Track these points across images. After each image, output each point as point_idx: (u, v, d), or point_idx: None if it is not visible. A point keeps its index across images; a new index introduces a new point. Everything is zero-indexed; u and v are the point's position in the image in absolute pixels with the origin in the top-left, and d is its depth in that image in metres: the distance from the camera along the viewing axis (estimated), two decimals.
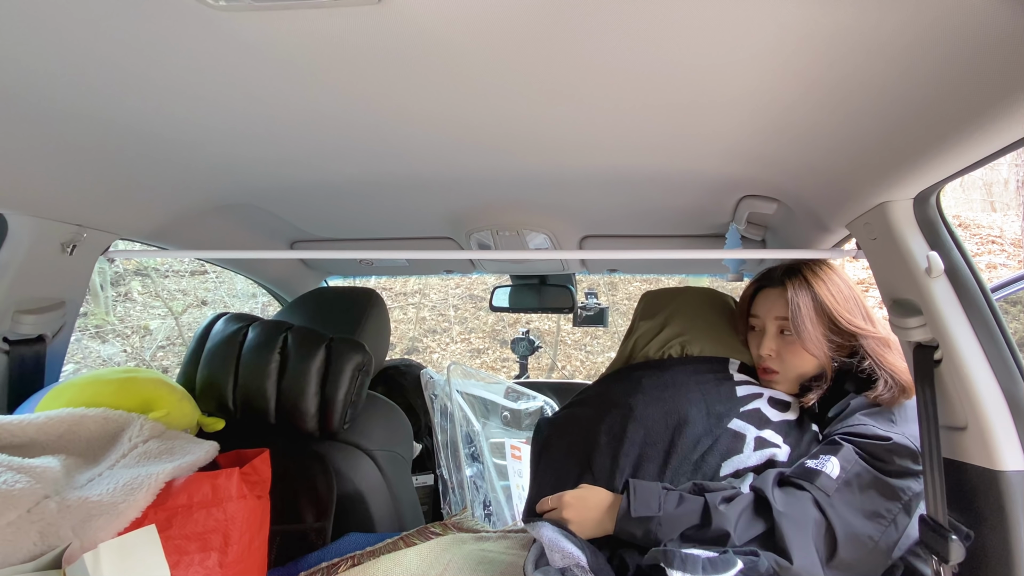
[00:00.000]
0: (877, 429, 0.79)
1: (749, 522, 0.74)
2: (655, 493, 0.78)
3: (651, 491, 0.78)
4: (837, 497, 0.74)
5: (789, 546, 0.70)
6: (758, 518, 0.74)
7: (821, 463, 0.77)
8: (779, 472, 0.80)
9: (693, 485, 0.80)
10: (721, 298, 1.08)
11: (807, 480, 0.76)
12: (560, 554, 0.75)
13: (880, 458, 0.77)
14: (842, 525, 0.73)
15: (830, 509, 0.74)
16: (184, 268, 5.96)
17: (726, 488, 0.79)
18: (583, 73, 0.61)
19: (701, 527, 0.74)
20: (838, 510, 0.74)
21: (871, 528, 0.74)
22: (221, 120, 0.75)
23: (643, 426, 0.87)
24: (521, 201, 1.17)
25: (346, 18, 0.52)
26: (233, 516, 0.73)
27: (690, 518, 0.75)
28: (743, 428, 0.85)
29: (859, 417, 0.83)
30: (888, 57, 0.53)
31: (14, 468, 0.65)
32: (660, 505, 0.76)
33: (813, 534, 0.72)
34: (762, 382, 0.96)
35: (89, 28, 0.54)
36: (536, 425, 1.02)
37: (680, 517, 0.75)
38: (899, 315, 0.77)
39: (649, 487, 0.79)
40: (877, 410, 0.84)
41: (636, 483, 0.80)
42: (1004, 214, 6.74)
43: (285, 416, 1.03)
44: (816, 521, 0.73)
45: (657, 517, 0.75)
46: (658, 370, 0.94)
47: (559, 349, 6.28)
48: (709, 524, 0.73)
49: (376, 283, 4.90)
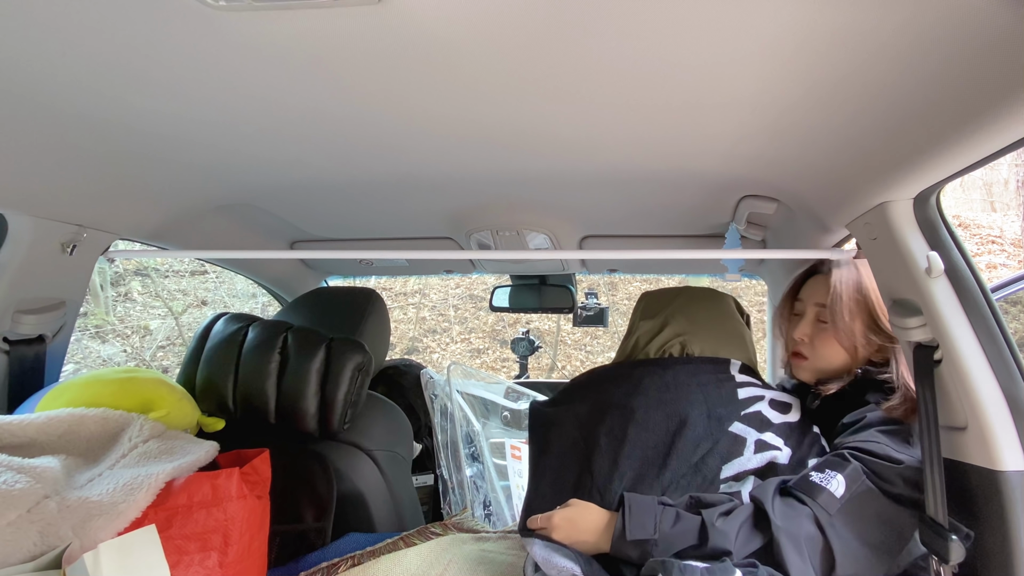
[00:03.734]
0: (890, 449, 0.77)
1: (748, 536, 0.73)
2: (651, 512, 0.75)
3: (647, 510, 0.76)
4: (839, 517, 0.73)
5: (787, 562, 0.69)
6: (757, 532, 0.73)
7: (826, 479, 0.75)
8: (781, 481, 0.78)
9: (690, 499, 0.78)
10: (722, 298, 1.08)
11: (809, 495, 0.74)
12: (555, 570, 0.74)
13: (888, 480, 0.75)
14: (841, 545, 0.72)
15: (830, 529, 0.72)
16: (184, 268, 5.96)
17: (724, 501, 0.77)
18: (583, 73, 0.61)
19: (699, 546, 0.72)
20: (838, 530, 0.72)
21: (871, 551, 0.73)
22: (221, 120, 0.75)
23: (644, 428, 0.86)
24: (521, 201, 1.17)
25: (346, 18, 0.52)
26: (233, 516, 0.73)
27: (687, 538, 0.73)
28: (744, 431, 0.85)
29: (874, 433, 0.80)
30: (888, 57, 0.53)
31: (14, 468, 0.65)
32: (656, 526, 0.74)
33: (809, 551, 0.71)
34: (792, 368, 0.99)
35: (89, 28, 0.54)
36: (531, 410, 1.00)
37: (677, 537, 0.73)
38: (899, 315, 0.77)
39: (645, 504, 0.77)
40: (895, 428, 0.80)
41: (632, 499, 0.77)
42: (1004, 214, 6.74)
43: (285, 416, 1.03)
44: (813, 538, 0.72)
45: (653, 539, 0.74)
46: (659, 369, 0.94)
47: (559, 349, 6.28)
48: (707, 543, 0.72)
49: (376, 283, 4.90)
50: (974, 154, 0.62)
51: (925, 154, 0.65)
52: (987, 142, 0.59)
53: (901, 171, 0.70)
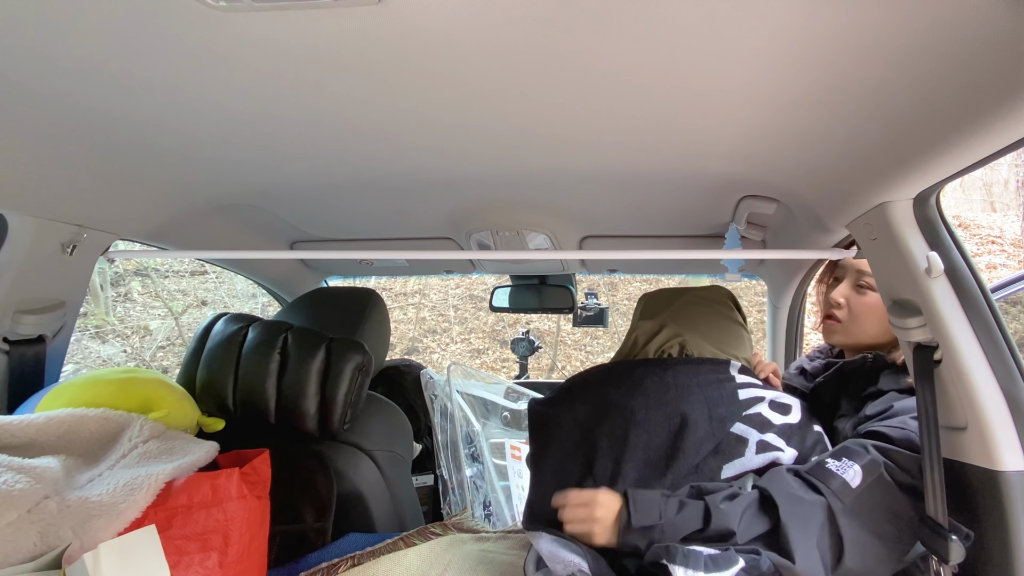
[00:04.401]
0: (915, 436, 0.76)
1: (752, 519, 0.73)
2: (654, 502, 0.76)
3: (650, 501, 0.77)
4: (852, 507, 0.72)
5: (793, 546, 0.69)
6: (762, 515, 0.73)
7: (843, 467, 0.75)
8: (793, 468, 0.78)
9: (691, 488, 0.79)
10: (721, 298, 1.08)
11: (823, 482, 0.74)
12: (561, 564, 0.74)
13: (907, 469, 0.75)
14: (851, 535, 0.71)
15: (842, 517, 0.71)
16: (184, 268, 5.96)
17: (725, 488, 0.78)
18: (583, 73, 0.61)
19: (703, 529, 0.73)
20: (850, 520, 0.72)
21: (881, 543, 0.72)
22: (221, 120, 0.75)
23: (645, 429, 0.86)
24: (521, 201, 1.17)
25: (346, 18, 0.52)
26: (233, 516, 0.73)
27: (692, 523, 0.74)
28: (746, 432, 0.84)
29: (906, 420, 0.80)
30: (888, 57, 0.53)
31: (14, 468, 0.65)
32: (661, 513, 0.75)
33: (818, 538, 0.71)
34: (824, 330, 1.03)
35: (89, 29, 0.54)
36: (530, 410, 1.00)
37: (682, 522, 0.74)
38: (899, 315, 0.77)
39: (648, 497, 0.77)
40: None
41: (635, 493, 0.78)
42: (1004, 214, 6.75)
43: (285, 416, 1.03)
44: (822, 526, 0.72)
45: (659, 525, 0.74)
46: (660, 369, 0.94)
47: (559, 349, 6.28)
48: (710, 524, 0.72)
49: (376, 283, 4.90)
50: (974, 154, 0.62)
51: (925, 154, 0.65)
52: (987, 142, 0.59)
53: (901, 171, 0.70)
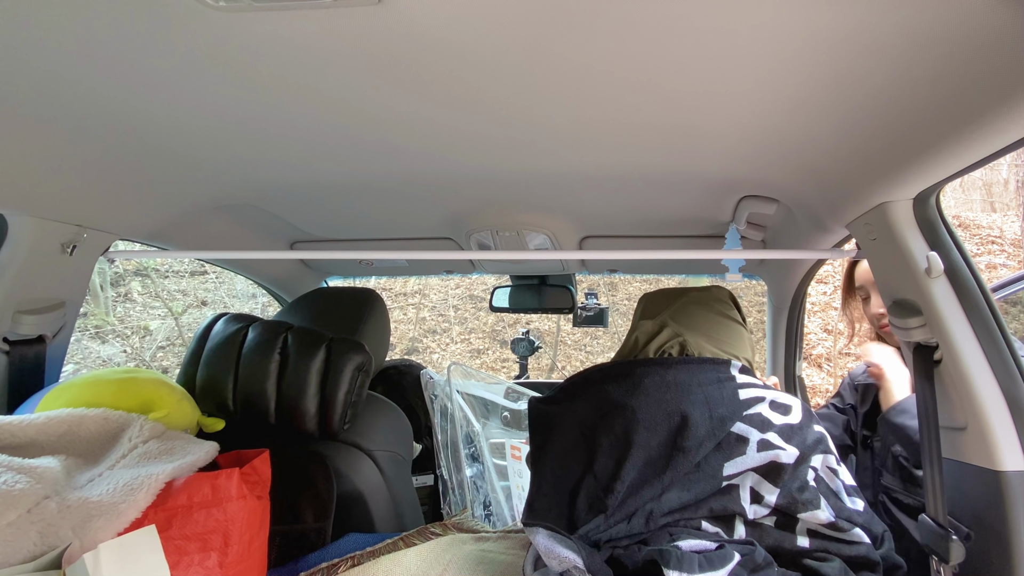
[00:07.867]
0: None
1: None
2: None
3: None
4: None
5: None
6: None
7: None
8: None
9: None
10: (721, 299, 1.08)
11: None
12: (557, 560, 0.74)
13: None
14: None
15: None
16: (184, 268, 5.96)
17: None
18: (583, 73, 0.61)
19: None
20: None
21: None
22: (221, 120, 0.75)
23: (645, 428, 0.86)
24: (521, 201, 1.17)
25: (346, 18, 0.52)
26: (233, 516, 0.73)
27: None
28: (746, 432, 0.85)
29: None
30: (887, 58, 0.53)
31: (14, 468, 0.65)
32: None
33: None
34: (886, 338, 1.11)
35: (89, 29, 0.54)
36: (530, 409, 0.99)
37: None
38: (899, 315, 0.77)
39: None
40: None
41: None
42: (1004, 214, 6.75)
43: (285, 416, 1.03)
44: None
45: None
46: (660, 369, 0.94)
47: (559, 349, 6.28)
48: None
49: (376, 283, 4.91)
50: (974, 154, 0.62)
51: (925, 154, 0.65)
52: (987, 142, 0.59)
53: (901, 171, 0.70)
